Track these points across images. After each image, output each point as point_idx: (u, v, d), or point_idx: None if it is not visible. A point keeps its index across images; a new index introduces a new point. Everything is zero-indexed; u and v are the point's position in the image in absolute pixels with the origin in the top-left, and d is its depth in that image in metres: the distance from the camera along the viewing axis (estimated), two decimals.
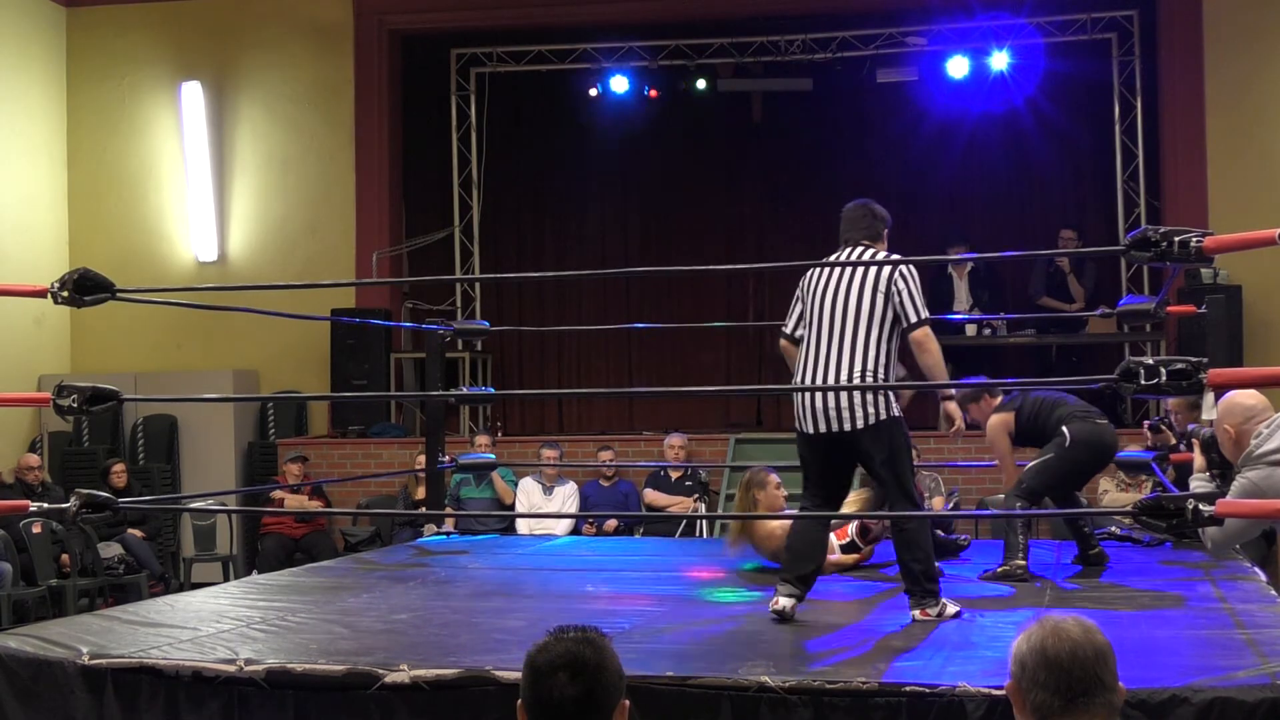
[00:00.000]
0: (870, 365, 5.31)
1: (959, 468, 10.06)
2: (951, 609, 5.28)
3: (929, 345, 5.40)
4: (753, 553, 6.99)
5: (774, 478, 6.94)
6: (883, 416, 5.29)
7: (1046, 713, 2.26)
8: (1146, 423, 8.47)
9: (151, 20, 12.86)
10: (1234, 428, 4.74)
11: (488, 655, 4.53)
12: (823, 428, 5.34)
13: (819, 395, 5.30)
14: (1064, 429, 6.59)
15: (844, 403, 5.28)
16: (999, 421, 6.81)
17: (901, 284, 5.38)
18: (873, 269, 5.40)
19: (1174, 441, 8.06)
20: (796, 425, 5.48)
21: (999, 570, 6.39)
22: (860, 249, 5.58)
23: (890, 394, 5.32)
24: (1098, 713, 2.25)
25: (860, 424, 5.27)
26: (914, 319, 5.35)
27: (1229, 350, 9.72)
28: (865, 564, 6.82)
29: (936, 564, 5.41)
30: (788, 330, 5.64)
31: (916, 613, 5.24)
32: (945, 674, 4.13)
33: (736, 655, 4.54)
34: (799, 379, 5.42)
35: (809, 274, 5.60)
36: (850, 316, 5.37)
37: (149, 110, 12.86)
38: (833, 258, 5.59)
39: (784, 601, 5.21)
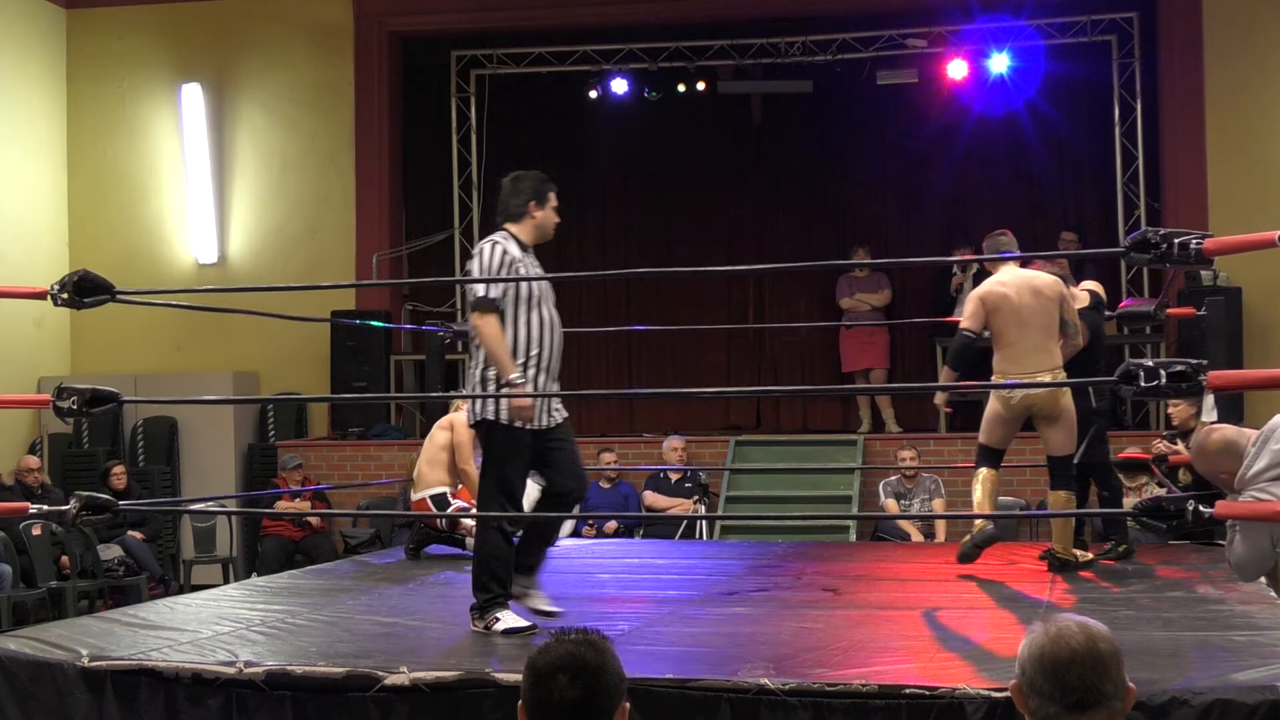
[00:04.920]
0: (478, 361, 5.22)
1: (960, 469, 10.05)
2: (504, 624, 5.03)
3: (480, 329, 5.12)
4: (754, 553, 7.00)
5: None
6: (475, 419, 5.23)
7: (1043, 718, 2.24)
8: (1163, 437, 8.58)
9: (151, 22, 12.86)
10: (1228, 471, 4.65)
11: (487, 657, 4.53)
12: None
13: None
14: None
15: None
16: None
17: (472, 265, 5.26)
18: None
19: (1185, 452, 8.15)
20: None
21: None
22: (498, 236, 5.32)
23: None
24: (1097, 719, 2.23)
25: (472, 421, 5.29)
26: (470, 300, 5.20)
27: (1229, 352, 9.74)
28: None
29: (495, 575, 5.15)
30: None
31: (471, 625, 5.13)
32: (945, 676, 4.13)
33: (737, 657, 4.55)
34: None
35: None
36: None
37: (149, 112, 12.85)
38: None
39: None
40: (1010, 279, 6.73)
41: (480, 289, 5.10)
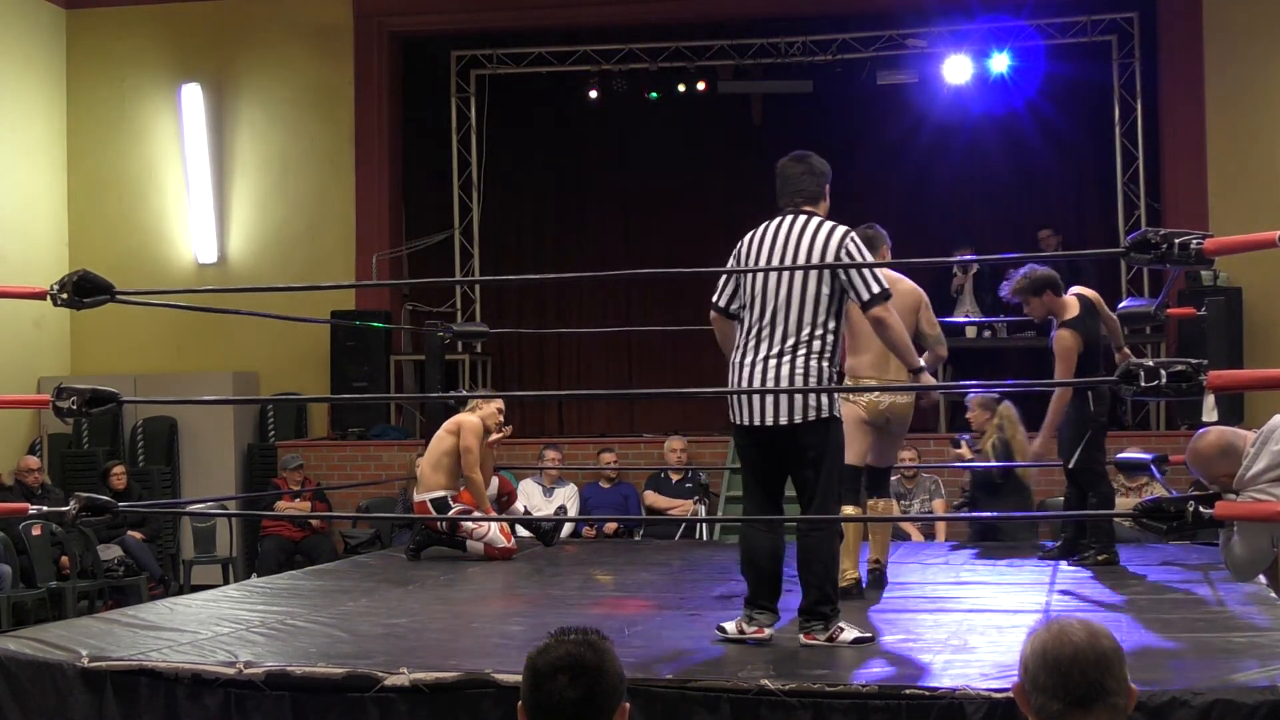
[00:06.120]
0: (816, 351, 4.84)
1: (959, 469, 10.04)
2: (849, 634, 4.78)
3: (888, 322, 5.00)
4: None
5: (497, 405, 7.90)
6: (822, 415, 4.82)
7: (1046, 716, 2.25)
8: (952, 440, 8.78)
9: (151, 22, 12.86)
10: (1227, 474, 4.58)
11: (487, 658, 4.53)
12: (756, 420, 4.88)
13: (760, 384, 4.83)
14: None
15: (785, 395, 4.81)
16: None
17: (852, 255, 4.88)
18: (819, 242, 4.90)
19: (970, 456, 8.50)
20: (731, 415, 4.99)
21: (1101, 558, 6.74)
22: (803, 217, 5.02)
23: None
24: (1100, 717, 2.24)
25: (799, 419, 4.81)
26: (866, 296, 4.89)
27: (1229, 352, 9.75)
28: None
29: (838, 583, 4.94)
30: (721, 304, 5.13)
31: (802, 636, 4.79)
32: (945, 677, 4.13)
33: (737, 658, 4.55)
34: (738, 359, 4.96)
35: (748, 245, 5.09)
36: (796, 295, 4.87)
37: (149, 112, 12.85)
38: (773, 225, 5.06)
39: (768, 631, 4.82)
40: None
41: (878, 285, 4.88)
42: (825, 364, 4.86)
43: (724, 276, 5.12)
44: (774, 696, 4.01)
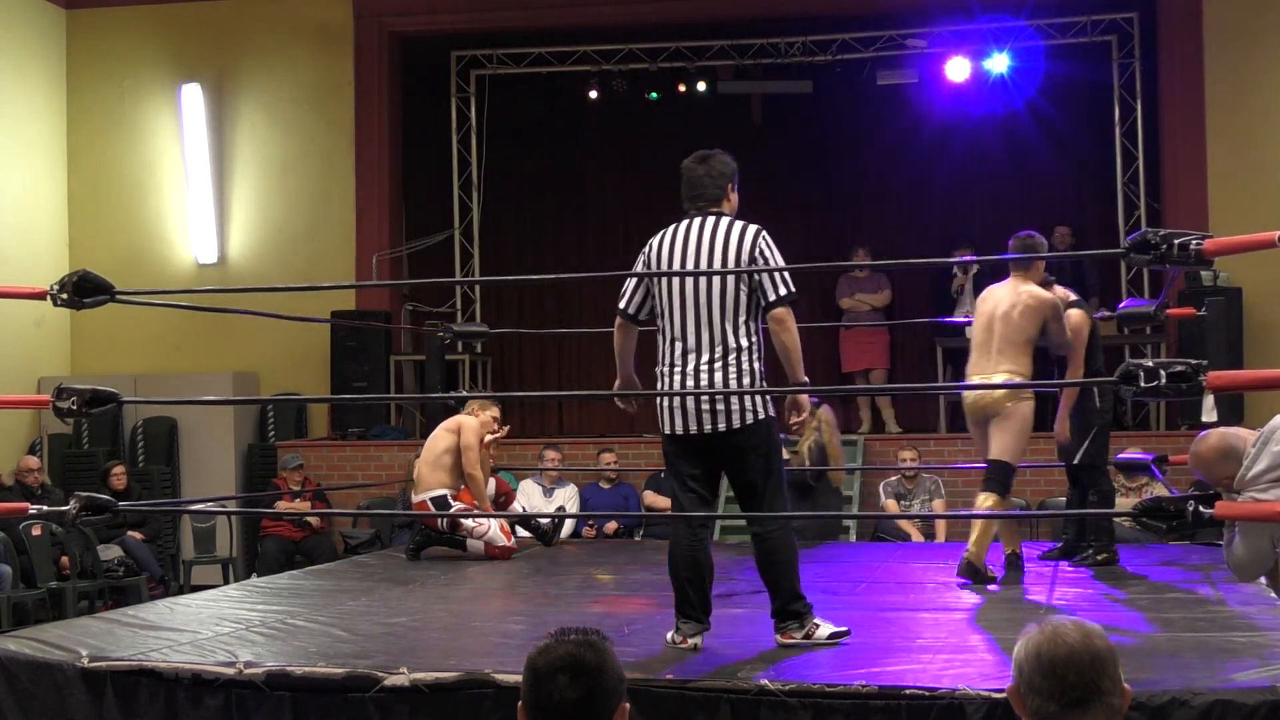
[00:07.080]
0: (745, 352, 4.81)
1: (960, 469, 10.05)
2: (825, 630, 4.81)
3: (790, 325, 4.86)
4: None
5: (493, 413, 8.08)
6: (760, 416, 4.81)
7: (1042, 718, 2.25)
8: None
9: (151, 22, 12.86)
10: (1229, 476, 4.57)
11: (487, 658, 4.53)
12: (694, 428, 4.85)
13: (693, 390, 4.79)
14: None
15: (722, 399, 4.78)
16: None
17: (767, 257, 4.83)
18: (732, 243, 4.84)
19: (786, 457, 8.47)
20: (663, 426, 4.96)
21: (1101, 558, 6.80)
22: (710, 219, 4.96)
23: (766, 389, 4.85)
24: (1095, 718, 2.24)
25: (737, 423, 4.79)
26: (773, 296, 4.82)
27: (1229, 352, 9.75)
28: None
29: (800, 580, 4.91)
30: (630, 310, 5.11)
31: (779, 637, 4.82)
32: (944, 677, 4.13)
33: (737, 658, 4.55)
34: (664, 369, 4.96)
35: (656, 250, 5.05)
36: (716, 300, 4.82)
37: (149, 112, 12.85)
38: (681, 228, 5.02)
39: (692, 641, 4.78)
40: (997, 286, 6.84)
41: (786, 287, 4.81)
42: (757, 365, 4.85)
43: (632, 281, 5.05)
44: (774, 697, 4.02)
